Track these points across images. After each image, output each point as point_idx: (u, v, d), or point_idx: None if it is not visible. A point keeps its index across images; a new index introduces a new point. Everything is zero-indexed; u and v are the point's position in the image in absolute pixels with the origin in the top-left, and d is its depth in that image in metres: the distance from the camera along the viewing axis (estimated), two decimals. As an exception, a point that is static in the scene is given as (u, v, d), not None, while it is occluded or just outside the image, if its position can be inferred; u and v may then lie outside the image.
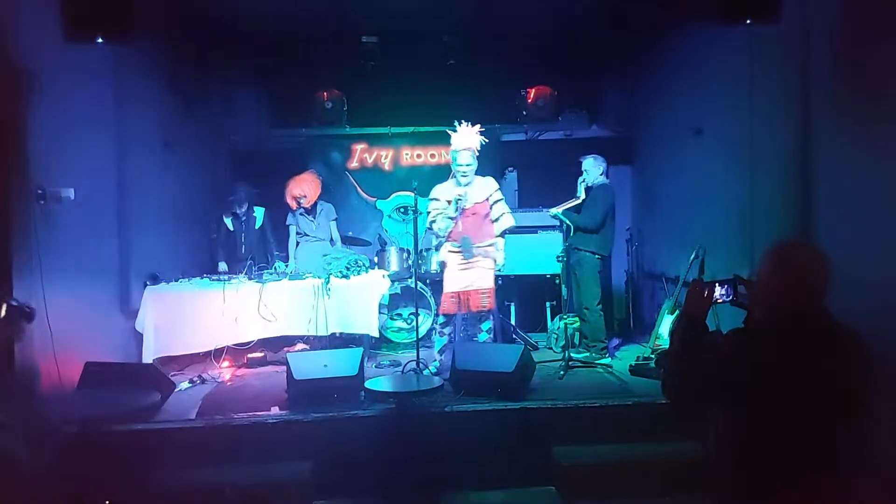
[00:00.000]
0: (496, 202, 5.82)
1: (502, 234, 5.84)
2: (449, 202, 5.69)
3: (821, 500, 2.06)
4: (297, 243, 6.94)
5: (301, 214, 6.88)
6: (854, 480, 2.10)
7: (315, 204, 6.92)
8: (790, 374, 2.03)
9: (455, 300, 5.70)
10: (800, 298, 2.09)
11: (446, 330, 5.91)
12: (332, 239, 7.02)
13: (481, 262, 5.71)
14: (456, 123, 5.72)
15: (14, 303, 3.03)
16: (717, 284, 2.34)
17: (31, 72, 4.43)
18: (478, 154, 5.72)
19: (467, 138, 5.68)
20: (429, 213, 5.80)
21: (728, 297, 2.35)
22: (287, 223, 6.97)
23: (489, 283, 5.73)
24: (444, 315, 5.84)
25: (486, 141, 5.83)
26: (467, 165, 5.65)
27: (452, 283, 5.73)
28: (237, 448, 4.41)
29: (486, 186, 5.82)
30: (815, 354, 2.06)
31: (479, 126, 5.74)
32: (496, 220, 5.80)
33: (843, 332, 2.12)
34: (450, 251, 5.78)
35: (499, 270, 6.00)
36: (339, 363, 5.00)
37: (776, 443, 2.05)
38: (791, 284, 2.10)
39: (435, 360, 5.81)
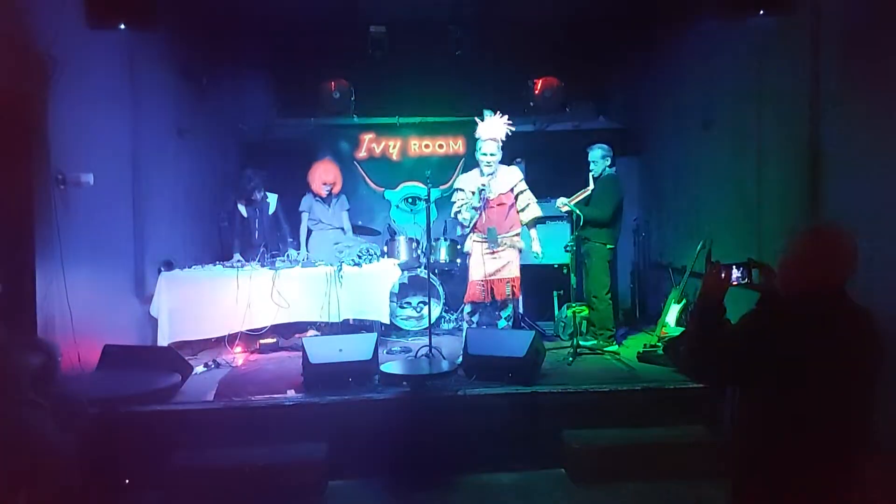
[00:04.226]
0: (521, 192, 5.86)
1: (534, 224, 5.89)
2: (473, 192, 5.74)
3: (835, 479, 2.11)
4: (309, 231, 6.96)
5: (318, 201, 6.91)
6: (867, 459, 2.15)
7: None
8: (806, 353, 2.08)
9: (482, 288, 5.76)
10: (827, 281, 2.15)
11: (474, 318, 5.93)
12: (343, 228, 7.07)
13: (507, 252, 5.78)
14: (486, 113, 5.72)
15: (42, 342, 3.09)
16: (733, 267, 2.42)
17: (52, 58, 4.48)
18: (502, 143, 5.74)
19: (493, 128, 5.72)
20: (454, 202, 5.83)
21: (743, 279, 2.42)
22: (300, 210, 6.97)
23: (515, 272, 5.80)
24: (472, 304, 5.88)
25: (513, 131, 5.81)
26: (491, 155, 5.70)
27: (478, 270, 5.79)
28: (255, 429, 4.50)
29: (511, 176, 5.85)
30: (831, 335, 2.11)
31: (506, 117, 5.75)
32: (522, 209, 5.84)
33: (860, 313, 2.18)
34: (475, 241, 5.84)
35: (537, 258, 6.04)
36: (353, 348, 5.08)
37: (791, 421, 2.11)
38: (820, 267, 2.16)
39: None
